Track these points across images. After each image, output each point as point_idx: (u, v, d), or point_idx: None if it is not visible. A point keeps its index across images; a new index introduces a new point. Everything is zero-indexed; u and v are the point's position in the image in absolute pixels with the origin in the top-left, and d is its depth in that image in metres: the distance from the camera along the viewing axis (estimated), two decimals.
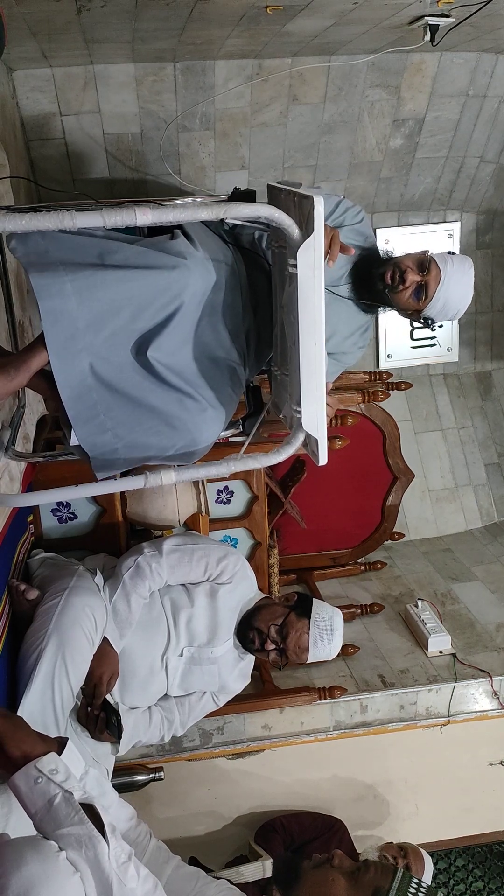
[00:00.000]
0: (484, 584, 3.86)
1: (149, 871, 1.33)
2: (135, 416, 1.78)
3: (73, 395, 1.71)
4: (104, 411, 1.75)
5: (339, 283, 2.19)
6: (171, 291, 1.72)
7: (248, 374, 2.03)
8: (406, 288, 2.09)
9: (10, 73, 3.07)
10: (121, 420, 1.77)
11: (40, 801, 1.28)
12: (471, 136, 3.79)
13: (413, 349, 4.40)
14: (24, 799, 1.30)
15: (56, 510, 2.82)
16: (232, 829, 3.07)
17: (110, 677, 2.33)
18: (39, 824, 1.29)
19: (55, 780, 1.29)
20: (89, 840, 1.26)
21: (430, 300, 2.10)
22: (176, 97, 3.29)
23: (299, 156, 3.66)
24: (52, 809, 1.27)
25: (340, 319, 2.18)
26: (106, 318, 1.68)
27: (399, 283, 2.09)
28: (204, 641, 2.52)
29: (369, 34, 2.90)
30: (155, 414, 1.79)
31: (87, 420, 1.75)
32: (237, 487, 3.01)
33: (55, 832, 1.27)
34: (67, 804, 1.27)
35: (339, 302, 2.15)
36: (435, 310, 2.14)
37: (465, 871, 3.64)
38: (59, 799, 1.28)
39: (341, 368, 2.30)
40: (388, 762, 3.18)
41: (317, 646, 2.52)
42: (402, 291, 2.10)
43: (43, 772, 1.30)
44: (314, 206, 1.53)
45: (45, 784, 1.29)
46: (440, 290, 2.09)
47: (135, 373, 1.76)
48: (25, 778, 1.30)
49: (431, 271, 2.10)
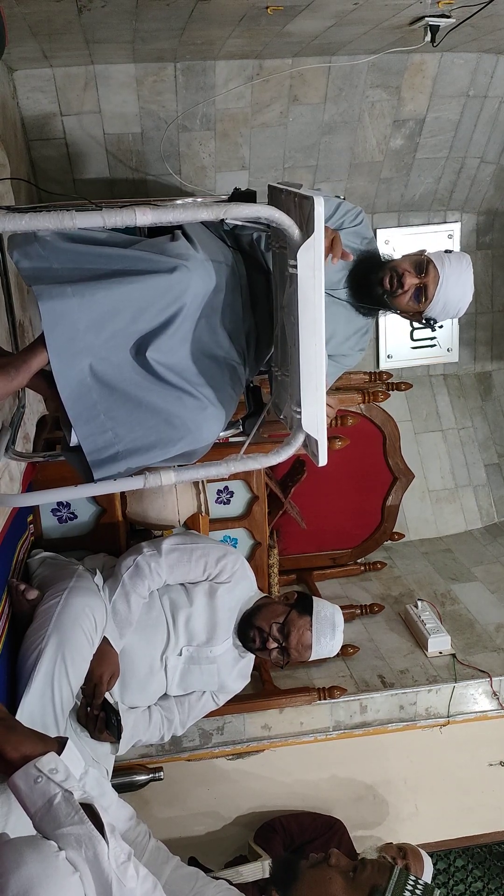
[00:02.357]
0: (484, 584, 3.86)
1: (148, 872, 1.33)
2: (134, 415, 1.78)
3: (72, 395, 1.72)
4: (104, 411, 1.75)
5: (338, 287, 2.19)
6: (172, 293, 1.72)
7: (248, 373, 2.03)
8: (405, 292, 2.09)
9: (10, 73, 3.08)
10: (121, 420, 1.77)
11: (40, 800, 1.28)
12: (471, 136, 3.79)
13: (413, 350, 4.40)
14: (24, 798, 1.30)
15: (56, 510, 2.82)
16: (231, 830, 3.07)
17: (110, 677, 2.33)
18: (39, 824, 1.29)
19: (55, 780, 1.29)
20: (89, 840, 1.25)
21: (429, 302, 2.10)
22: (176, 97, 3.29)
23: (300, 156, 3.66)
24: (51, 809, 1.27)
25: (339, 321, 2.18)
26: (106, 320, 1.69)
27: (398, 288, 2.09)
28: (203, 641, 2.52)
29: (370, 34, 2.90)
30: (155, 413, 1.79)
31: (87, 420, 1.75)
32: (237, 487, 3.01)
33: (55, 832, 1.26)
34: (67, 804, 1.27)
35: (337, 304, 2.15)
36: (436, 310, 2.13)
37: (464, 871, 3.64)
38: (58, 798, 1.28)
39: (341, 370, 2.30)
40: (387, 762, 3.18)
41: (319, 642, 2.52)
42: (402, 296, 2.09)
43: (43, 771, 1.29)
44: (314, 207, 1.53)
45: (44, 784, 1.29)
46: (440, 292, 2.08)
47: (134, 373, 1.76)
48: (25, 777, 1.30)
49: (429, 273, 2.09)
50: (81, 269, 1.73)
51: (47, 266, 1.72)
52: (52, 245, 1.72)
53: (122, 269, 1.72)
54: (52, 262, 1.72)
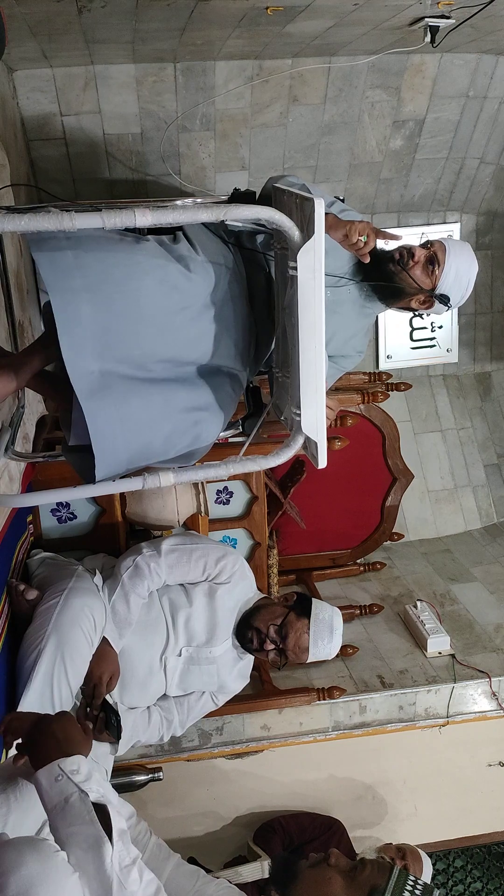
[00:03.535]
0: (483, 584, 3.86)
1: (154, 876, 1.35)
2: (135, 415, 1.78)
3: (84, 387, 1.69)
4: (115, 415, 1.74)
5: (340, 284, 2.17)
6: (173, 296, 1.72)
7: (248, 374, 2.03)
8: (416, 262, 2.11)
9: (10, 74, 3.08)
10: (124, 416, 1.76)
11: (57, 797, 1.34)
12: (471, 137, 3.79)
13: (413, 350, 4.40)
14: (44, 794, 1.36)
15: (56, 510, 2.82)
16: (231, 830, 3.07)
17: (110, 677, 2.33)
18: (53, 820, 1.34)
19: (74, 780, 1.35)
20: (94, 840, 1.28)
21: (442, 268, 2.12)
22: (176, 98, 3.29)
23: (299, 156, 3.66)
24: (66, 807, 1.33)
25: (341, 322, 2.16)
26: (111, 319, 1.68)
27: (409, 259, 2.11)
28: (202, 641, 2.52)
29: (370, 35, 2.90)
30: (154, 412, 1.79)
31: (93, 393, 1.72)
32: (237, 488, 3.01)
33: (65, 829, 1.31)
34: (81, 804, 1.32)
35: (340, 304, 2.14)
36: (448, 280, 2.14)
37: (463, 871, 3.64)
38: (74, 797, 1.33)
39: (340, 372, 2.30)
40: (386, 763, 3.18)
41: (316, 645, 2.52)
42: (414, 266, 2.12)
43: (64, 771, 1.36)
44: (315, 209, 1.53)
45: (64, 782, 1.35)
46: (449, 259, 2.12)
47: (135, 372, 1.76)
48: (48, 775, 1.37)
49: (435, 244, 2.14)
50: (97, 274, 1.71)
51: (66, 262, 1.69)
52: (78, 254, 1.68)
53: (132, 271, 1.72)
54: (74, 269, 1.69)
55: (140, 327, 1.72)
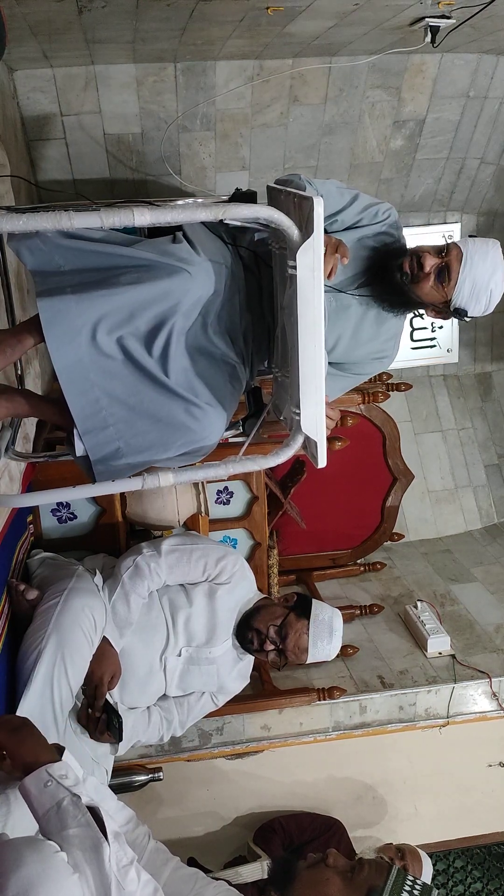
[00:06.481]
0: (483, 585, 3.86)
1: (150, 877, 1.35)
2: (134, 414, 1.78)
3: (73, 384, 1.71)
4: (106, 407, 1.75)
5: (350, 289, 2.06)
6: (173, 297, 1.72)
7: (248, 371, 2.02)
8: (427, 275, 1.90)
9: (11, 73, 3.08)
10: (121, 417, 1.77)
11: (48, 803, 1.34)
12: (471, 137, 3.79)
13: (413, 350, 4.40)
14: (33, 801, 1.36)
15: (56, 510, 2.82)
16: (231, 830, 3.07)
17: (111, 677, 2.33)
18: (46, 826, 1.34)
19: (64, 785, 1.35)
20: (92, 841, 1.28)
21: (454, 283, 1.90)
22: (177, 98, 3.29)
23: (300, 157, 3.66)
24: (59, 811, 1.32)
25: (347, 326, 2.07)
26: (104, 321, 1.69)
27: (419, 271, 1.92)
28: (202, 641, 2.52)
29: (370, 35, 2.90)
30: (154, 412, 1.79)
31: (89, 415, 1.74)
32: (237, 488, 3.01)
33: (60, 833, 1.30)
34: (75, 807, 1.32)
35: (347, 308, 2.06)
36: (463, 295, 1.91)
37: (463, 872, 3.64)
38: (66, 801, 1.33)
39: (352, 382, 2.16)
40: (387, 763, 3.18)
41: (316, 646, 2.52)
42: (423, 280, 1.91)
43: (53, 776, 1.36)
44: (314, 208, 1.53)
45: (54, 788, 1.34)
46: (464, 271, 1.89)
47: (132, 373, 1.76)
48: (36, 781, 1.36)
49: (451, 252, 1.91)
50: (84, 267, 1.72)
51: (50, 259, 1.71)
52: (51, 241, 1.71)
53: (124, 267, 1.72)
54: (54, 256, 1.71)
55: (129, 327, 1.73)
